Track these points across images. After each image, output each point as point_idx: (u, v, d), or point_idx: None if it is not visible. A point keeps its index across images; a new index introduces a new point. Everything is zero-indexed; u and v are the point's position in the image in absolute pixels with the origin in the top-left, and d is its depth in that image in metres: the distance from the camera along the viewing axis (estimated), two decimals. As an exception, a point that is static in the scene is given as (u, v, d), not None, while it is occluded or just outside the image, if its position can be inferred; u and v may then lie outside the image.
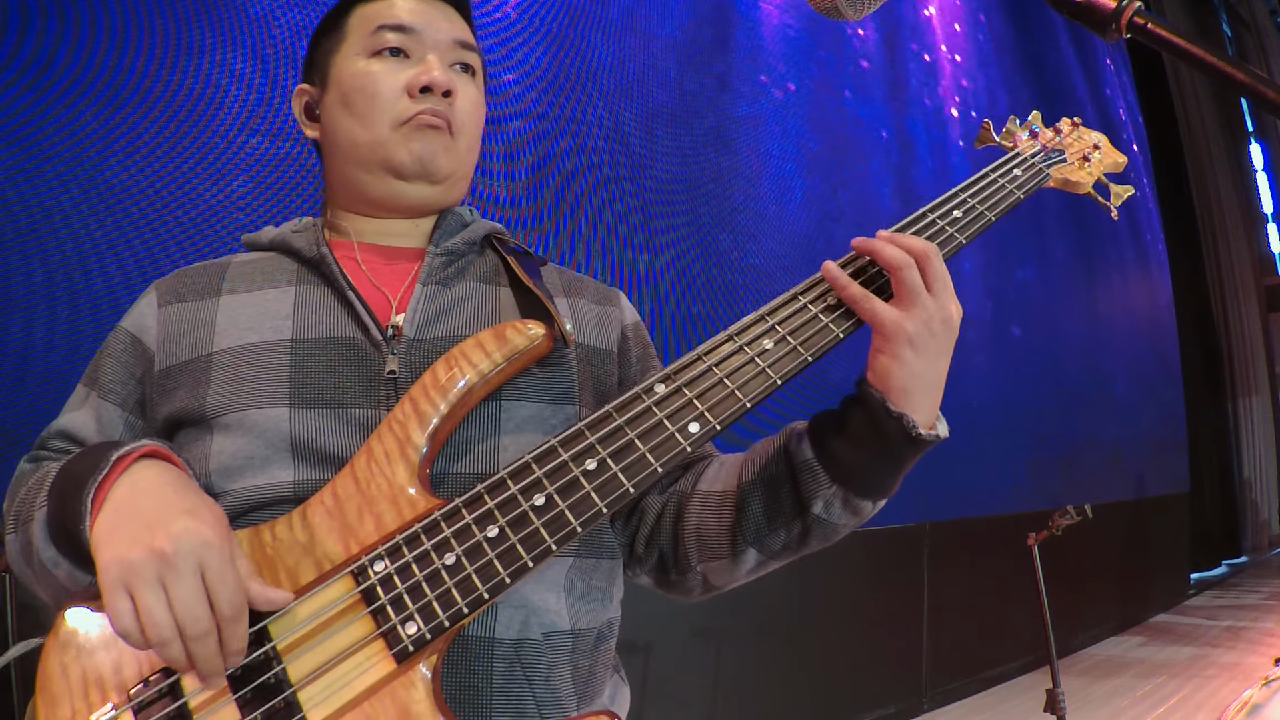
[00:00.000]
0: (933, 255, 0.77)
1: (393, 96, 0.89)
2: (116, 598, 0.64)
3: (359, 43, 0.91)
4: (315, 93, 0.96)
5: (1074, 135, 1.02)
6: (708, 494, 0.87)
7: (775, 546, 0.83)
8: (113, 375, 0.87)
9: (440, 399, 0.77)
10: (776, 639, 3.22)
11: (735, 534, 0.84)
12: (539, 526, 0.71)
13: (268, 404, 0.80)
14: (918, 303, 0.75)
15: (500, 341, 0.79)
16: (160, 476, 0.72)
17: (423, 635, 0.69)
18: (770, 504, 0.82)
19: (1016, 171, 0.93)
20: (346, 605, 0.70)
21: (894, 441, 0.77)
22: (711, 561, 0.86)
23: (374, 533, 0.73)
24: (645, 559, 0.91)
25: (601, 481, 0.73)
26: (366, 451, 0.76)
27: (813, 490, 0.79)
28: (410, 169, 0.89)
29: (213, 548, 0.66)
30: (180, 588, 0.64)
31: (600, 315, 0.96)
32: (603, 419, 0.76)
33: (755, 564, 0.86)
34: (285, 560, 0.73)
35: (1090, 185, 0.99)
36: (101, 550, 0.67)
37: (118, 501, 0.69)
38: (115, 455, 0.71)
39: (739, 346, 0.77)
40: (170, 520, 0.66)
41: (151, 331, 0.88)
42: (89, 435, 0.85)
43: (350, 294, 0.86)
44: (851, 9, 0.83)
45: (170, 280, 0.92)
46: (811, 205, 3.67)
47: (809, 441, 0.80)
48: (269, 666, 0.68)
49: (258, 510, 0.78)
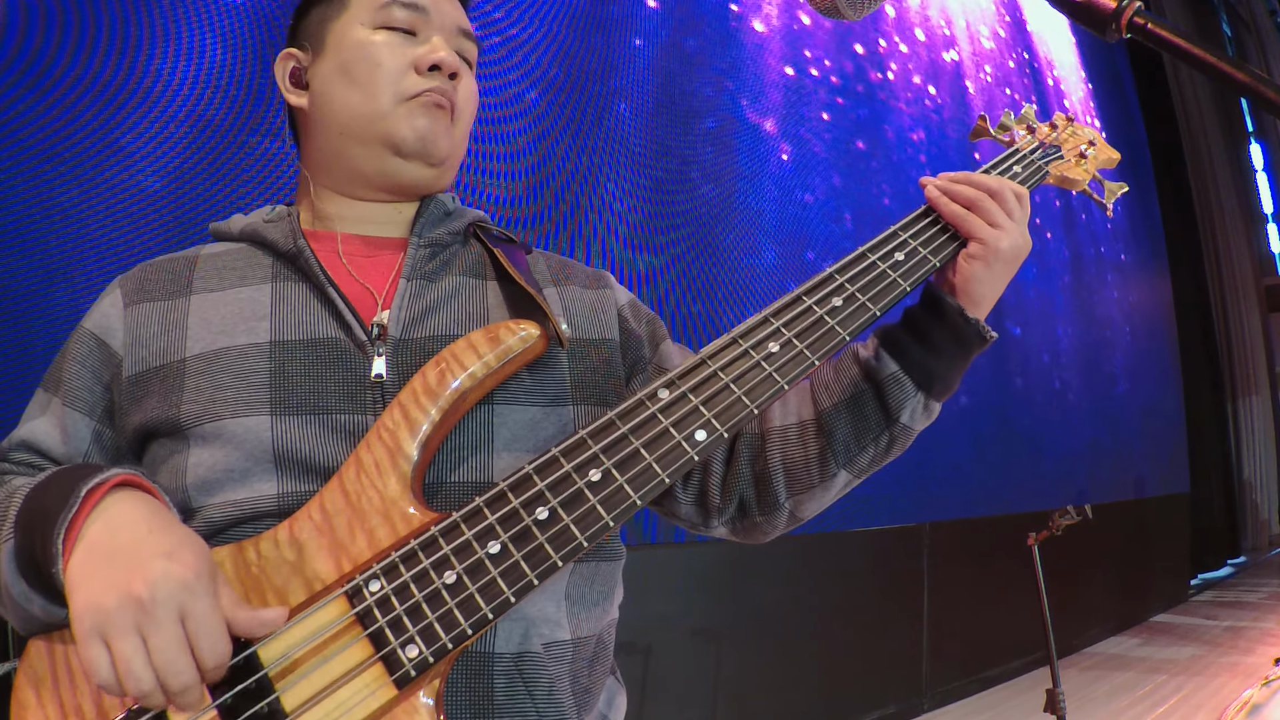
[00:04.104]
0: (1005, 189, 0.84)
1: (399, 69, 0.85)
2: (92, 647, 0.60)
3: (364, 13, 0.87)
4: (305, 58, 0.91)
5: (1069, 131, 1.01)
6: (785, 428, 0.87)
7: (864, 463, 0.86)
8: (78, 381, 0.81)
9: (431, 404, 0.72)
10: (777, 639, 3.22)
11: (825, 460, 0.85)
12: (543, 542, 0.68)
13: (246, 412, 0.75)
14: (1006, 225, 0.83)
15: (493, 342, 0.75)
16: (135, 511, 0.67)
17: (424, 658, 0.65)
18: (857, 423, 0.85)
19: (1015, 168, 0.92)
20: (341, 628, 0.66)
21: (971, 345, 0.84)
22: (802, 493, 0.87)
23: (367, 550, 0.69)
24: (724, 508, 0.90)
25: (607, 494, 0.70)
26: (355, 462, 0.72)
27: (901, 401, 0.83)
28: (410, 146, 0.85)
29: (193, 592, 0.62)
30: (159, 637, 0.60)
31: (593, 301, 0.92)
32: (606, 427, 0.73)
33: (844, 485, 0.88)
34: (273, 580, 0.68)
35: (1086, 182, 0.99)
36: (75, 594, 0.63)
37: (91, 541, 0.65)
38: (85, 489, 0.66)
39: (744, 350, 0.76)
40: (147, 563, 0.62)
41: (118, 334, 0.82)
42: (53, 446, 0.80)
43: (331, 290, 0.81)
44: (851, 9, 0.83)
45: (135, 276, 0.86)
46: (811, 205, 3.67)
47: (889, 355, 0.83)
48: (262, 695, 0.64)
49: (239, 525, 0.74)
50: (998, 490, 4.52)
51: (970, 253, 0.83)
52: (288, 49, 0.93)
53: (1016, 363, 4.84)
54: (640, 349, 0.93)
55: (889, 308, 0.80)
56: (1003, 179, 0.86)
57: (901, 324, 0.85)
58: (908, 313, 0.85)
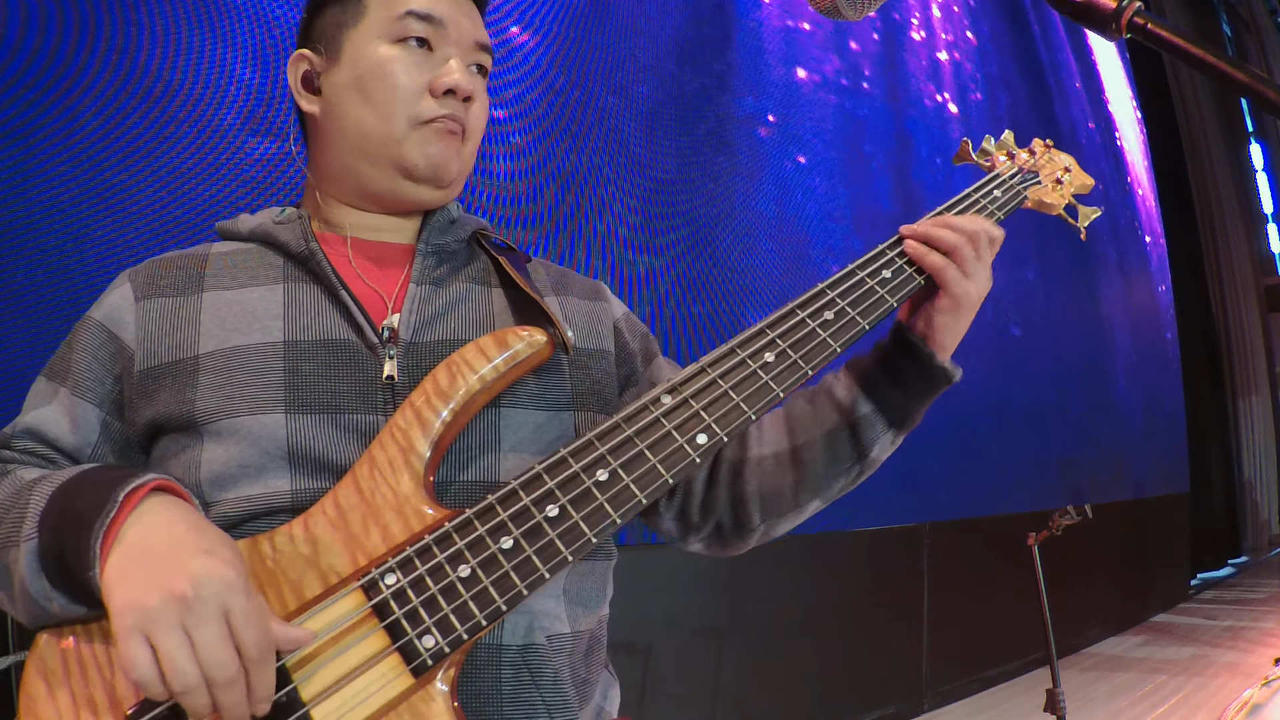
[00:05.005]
0: (981, 233, 0.87)
1: (414, 92, 0.86)
2: (134, 645, 0.61)
3: (381, 25, 0.87)
4: (319, 63, 0.90)
5: (1046, 157, 1.06)
6: (762, 458, 0.92)
7: (834, 491, 0.92)
8: (88, 372, 0.82)
9: (443, 405, 0.75)
10: (776, 639, 3.22)
11: (799, 489, 0.91)
12: (554, 538, 0.71)
13: (262, 410, 0.77)
14: (977, 275, 0.86)
15: (502, 347, 0.78)
16: (171, 513, 0.68)
17: (441, 648, 0.68)
18: (831, 456, 0.90)
19: (996, 193, 0.98)
20: (358, 620, 0.68)
21: (938, 386, 0.89)
22: (776, 518, 0.93)
23: (381, 544, 0.71)
24: (702, 527, 0.95)
25: (614, 493, 0.74)
26: (369, 460, 0.75)
27: (872, 439, 0.89)
28: (422, 172, 0.87)
29: (235, 589, 0.63)
30: (204, 633, 0.61)
31: (591, 313, 0.95)
32: (612, 430, 0.76)
33: (815, 510, 0.94)
34: (288, 573, 0.70)
35: (1062, 207, 1.04)
36: (115, 594, 0.63)
37: (130, 544, 0.65)
38: (123, 493, 0.67)
39: (742, 359, 0.80)
40: (188, 560, 0.63)
41: (129, 327, 0.83)
42: (61, 435, 0.80)
43: (343, 293, 0.83)
44: (851, 9, 0.83)
45: (144, 271, 0.87)
46: (811, 205, 3.67)
47: (863, 395, 0.89)
48: (279, 685, 0.65)
49: (253, 520, 0.75)
50: (998, 490, 4.52)
51: (940, 306, 0.87)
52: (301, 50, 0.92)
53: (1017, 362, 4.84)
54: (633, 363, 0.96)
55: (877, 322, 0.85)
56: (980, 221, 0.89)
57: (874, 364, 0.90)
58: (880, 354, 0.90)
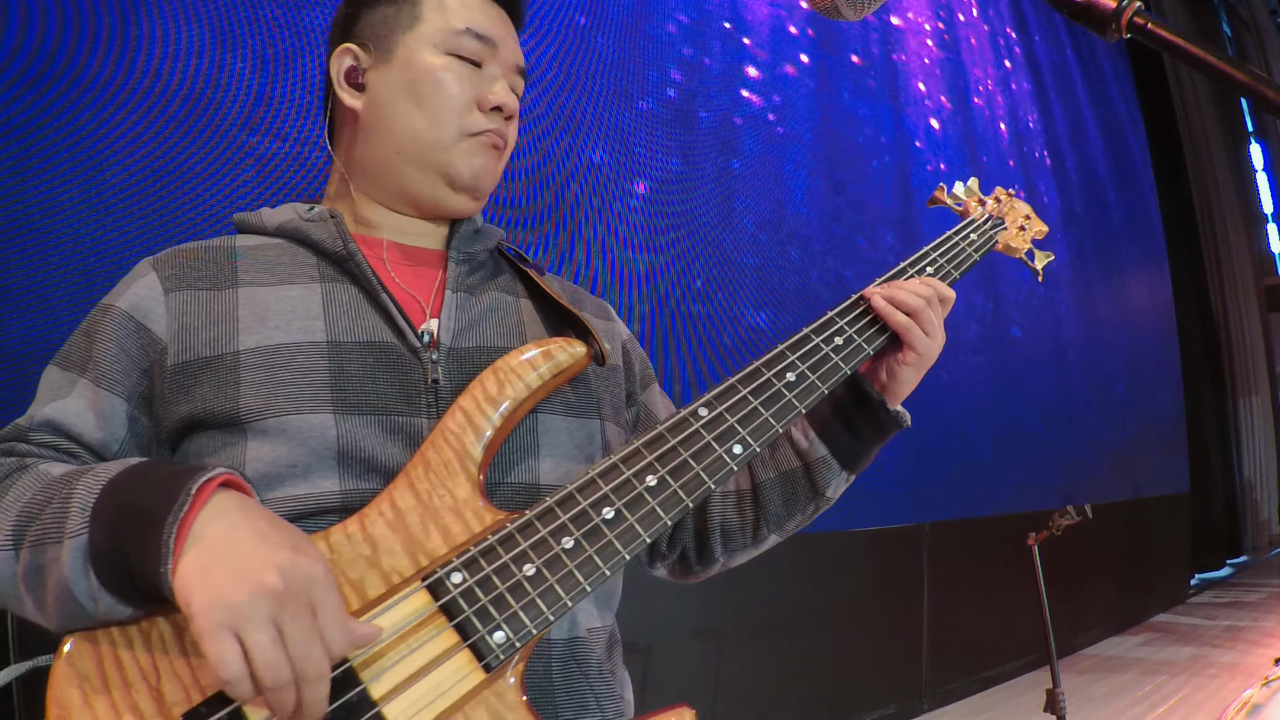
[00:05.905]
0: (935, 297, 0.94)
1: (465, 103, 0.88)
2: (223, 642, 0.59)
3: (437, 34, 0.88)
4: (366, 59, 0.89)
5: (1009, 205, 1.16)
6: (724, 495, 0.99)
7: (791, 527, 0.99)
8: (115, 364, 0.79)
9: (494, 411, 0.79)
10: (776, 639, 3.22)
11: (758, 525, 0.98)
12: (612, 539, 0.76)
13: (310, 409, 0.76)
14: (936, 334, 0.93)
15: (546, 357, 0.82)
16: (248, 508, 0.66)
17: (511, 643, 0.70)
18: (788, 495, 0.97)
19: (972, 236, 1.08)
20: (425, 619, 0.70)
21: (890, 432, 0.97)
22: (735, 551, 1.00)
23: (442, 545, 0.73)
24: (668, 556, 1.03)
25: (664, 496, 0.79)
26: (422, 462, 0.76)
27: (828, 479, 0.96)
28: (465, 181, 0.89)
29: (322, 584, 0.62)
30: (295, 626, 0.60)
31: (606, 330, 0.99)
32: (657, 439, 0.82)
33: (772, 544, 1.02)
34: (348, 573, 0.71)
35: (1024, 251, 1.14)
36: (196, 592, 0.61)
37: (209, 539, 0.63)
38: (195, 486, 0.65)
39: (767, 378, 0.88)
40: (276, 556, 0.62)
41: (160, 319, 0.80)
42: (86, 430, 0.77)
43: (384, 296, 0.83)
44: (851, 9, 0.84)
45: (170, 261, 0.84)
46: (811, 205, 3.67)
47: (820, 440, 0.95)
48: (348, 686, 0.65)
49: (300, 520, 0.74)
50: (998, 490, 4.52)
51: (905, 360, 0.93)
52: (347, 44, 0.91)
53: (1017, 363, 4.84)
54: (634, 383, 1.01)
55: (881, 346, 0.93)
56: (934, 283, 0.96)
57: (830, 411, 0.96)
58: (835, 402, 0.96)
